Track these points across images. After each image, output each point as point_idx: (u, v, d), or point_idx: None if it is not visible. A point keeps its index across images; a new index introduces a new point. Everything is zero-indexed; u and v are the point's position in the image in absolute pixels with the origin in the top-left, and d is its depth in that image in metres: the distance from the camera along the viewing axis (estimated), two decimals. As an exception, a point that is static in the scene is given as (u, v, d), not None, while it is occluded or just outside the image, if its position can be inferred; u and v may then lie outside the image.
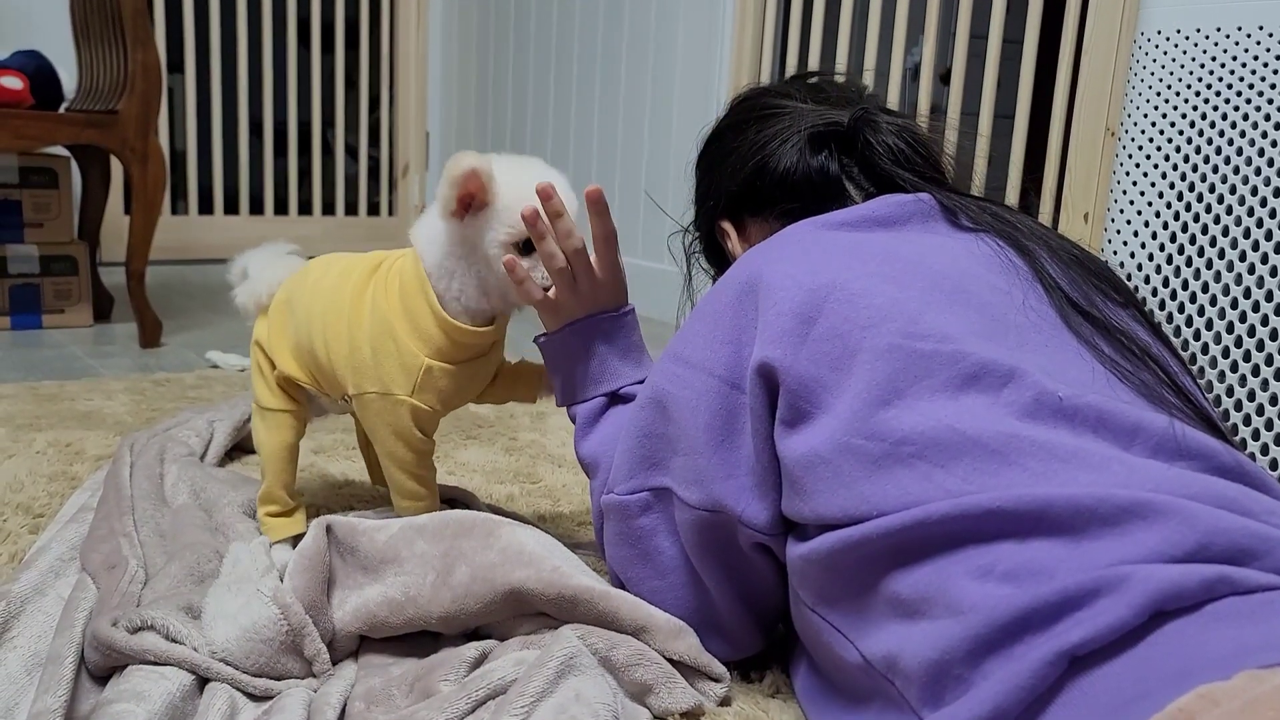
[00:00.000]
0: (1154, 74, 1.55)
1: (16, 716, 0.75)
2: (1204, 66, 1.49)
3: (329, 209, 3.54)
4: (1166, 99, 1.54)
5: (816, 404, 0.72)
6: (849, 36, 2.26)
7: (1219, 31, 1.47)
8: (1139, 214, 1.58)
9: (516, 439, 1.59)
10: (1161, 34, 1.54)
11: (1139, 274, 1.58)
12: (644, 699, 0.81)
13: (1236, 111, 1.46)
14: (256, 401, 1.08)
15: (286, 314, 1.05)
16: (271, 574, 0.89)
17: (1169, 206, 1.54)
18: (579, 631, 0.82)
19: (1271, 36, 1.41)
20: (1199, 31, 1.49)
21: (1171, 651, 0.54)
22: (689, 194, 1.07)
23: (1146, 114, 1.57)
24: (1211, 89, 1.48)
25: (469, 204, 0.95)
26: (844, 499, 0.68)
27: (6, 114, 2.00)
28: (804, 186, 0.93)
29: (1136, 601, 0.55)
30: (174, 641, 0.81)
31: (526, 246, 0.96)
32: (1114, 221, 1.61)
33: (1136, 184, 1.58)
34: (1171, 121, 1.54)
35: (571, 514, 1.28)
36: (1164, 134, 1.55)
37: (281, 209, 3.46)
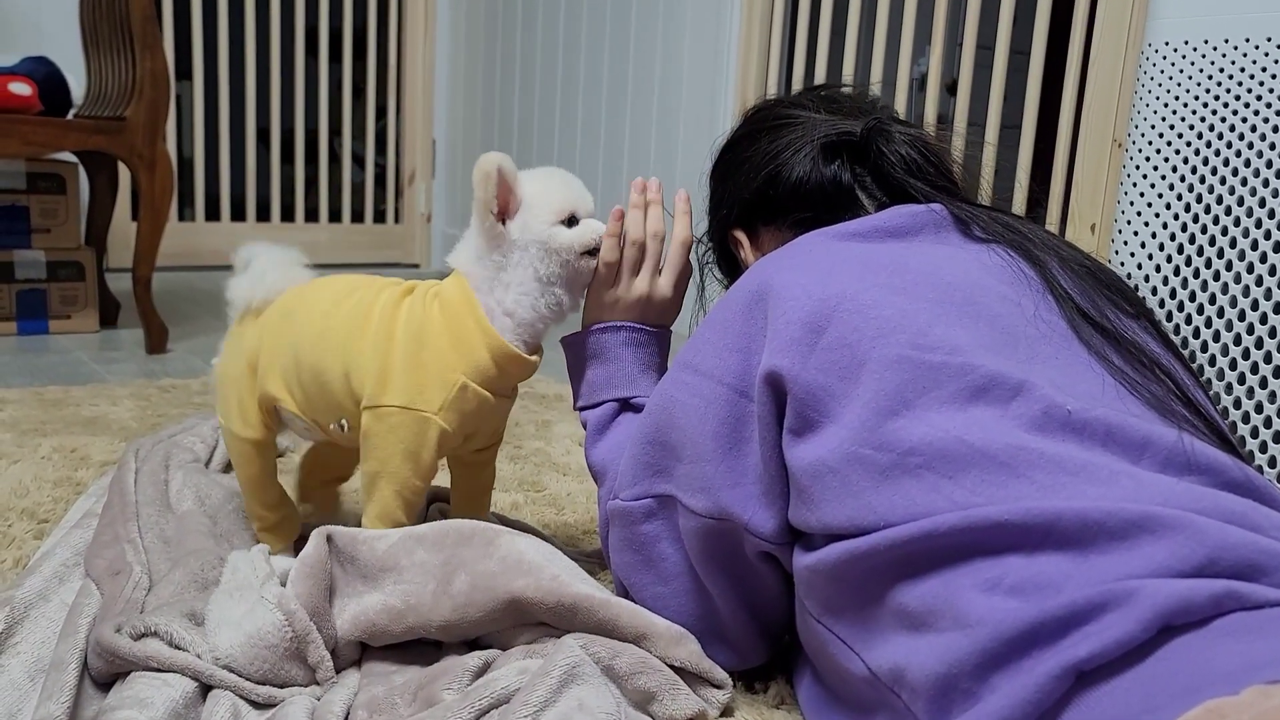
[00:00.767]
0: (1161, 85, 1.55)
1: (19, 723, 0.75)
2: (1211, 78, 1.49)
3: (335, 216, 3.55)
4: (1174, 110, 1.54)
5: (824, 413, 0.72)
6: (855, 47, 2.26)
7: (1226, 43, 1.47)
8: (1146, 225, 1.58)
9: (522, 447, 1.59)
10: (1169, 45, 1.54)
11: (1146, 285, 1.57)
12: (647, 707, 0.81)
13: (1244, 123, 1.45)
14: (228, 428, 1.02)
15: (284, 330, 0.99)
16: (273, 581, 0.89)
17: (1176, 218, 1.54)
18: (581, 640, 0.82)
19: (1279, 48, 1.41)
20: (1206, 43, 1.49)
21: (1179, 667, 0.54)
22: (698, 204, 1.08)
23: (1153, 125, 1.56)
24: (1219, 100, 1.48)
25: (506, 206, 0.95)
26: (851, 509, 0.68)
27: (15, 120, 2.01)
28: (817, 195, 0.93)
29: (1144, 616, 0.55)
30: (177, 648, 0.81)
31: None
32: (1121, 233, 1.61)
33: (1144, 195, 1.58)
34: (1179, 132, 1.53)
35: (576, 522, 1.28)
36: (1171, 145, 1.55)
37: (288, 216, 3.46)
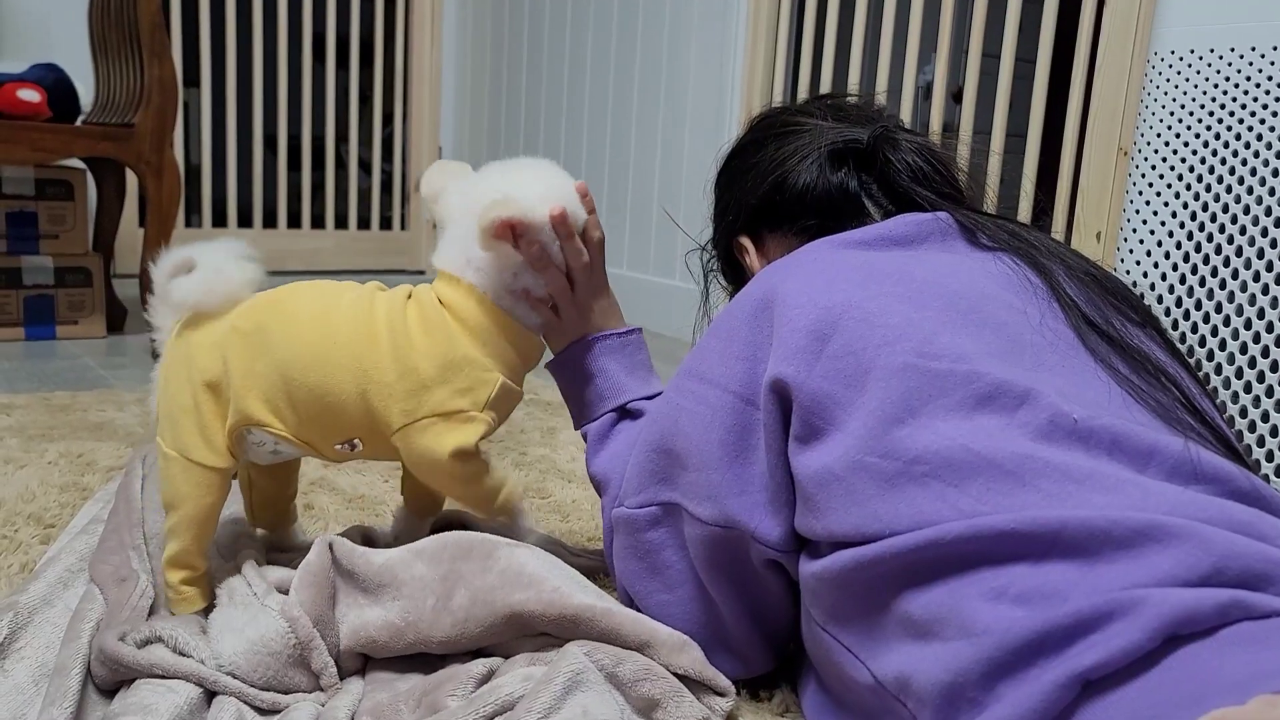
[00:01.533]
0: (1167, 94, 1.55)
1: (24, 728, 0.75)
2: (1217, 86, 1.49)
3: (342, 223, 3.55)
4: (1179, 119, 1.54)
5: (830, 421, 0.72)
6: (861, 54, 2.27)
7: (1232, 52, 1.47)
8: (1151, 233, 1.57)
9: (526, 454, 1.59)
10: (1175, 54, 1.54)
11: (1151, 294, 1.57)
12: (651, 714, 0.81)
13: (1250, 132, 1.45)
14: (184, 453, 0.88)
15: (259, 347, 0.90)
16: (274, 593, 0.89)
17: (1182, 226, 1.54)
18: (585, 648, 0.81)
19: (1286, 57, 1.41)
20: (1212, 52, 1.49)
21: (1186, 676, 0.54)
22: (703, 212, 1.08)
23: (1159, 133, 1.56)
24: (1224, 109, 1.48)
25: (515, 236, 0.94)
26: (857, 517, 0.68)
27: (24, 126, 2.02)
28: (823, 203, 0.93)
29: (1151, 625, 0.55)
30: (182, 654, 0.81)
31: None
32: (1126, 241, 1.61)
33: (1149, 203, 1.58)
34: (1184, 141, 1.53)
35: (581, 530, 1.28)
36: (1177, 154, 1.54)
37: (294, 222, 3.47)
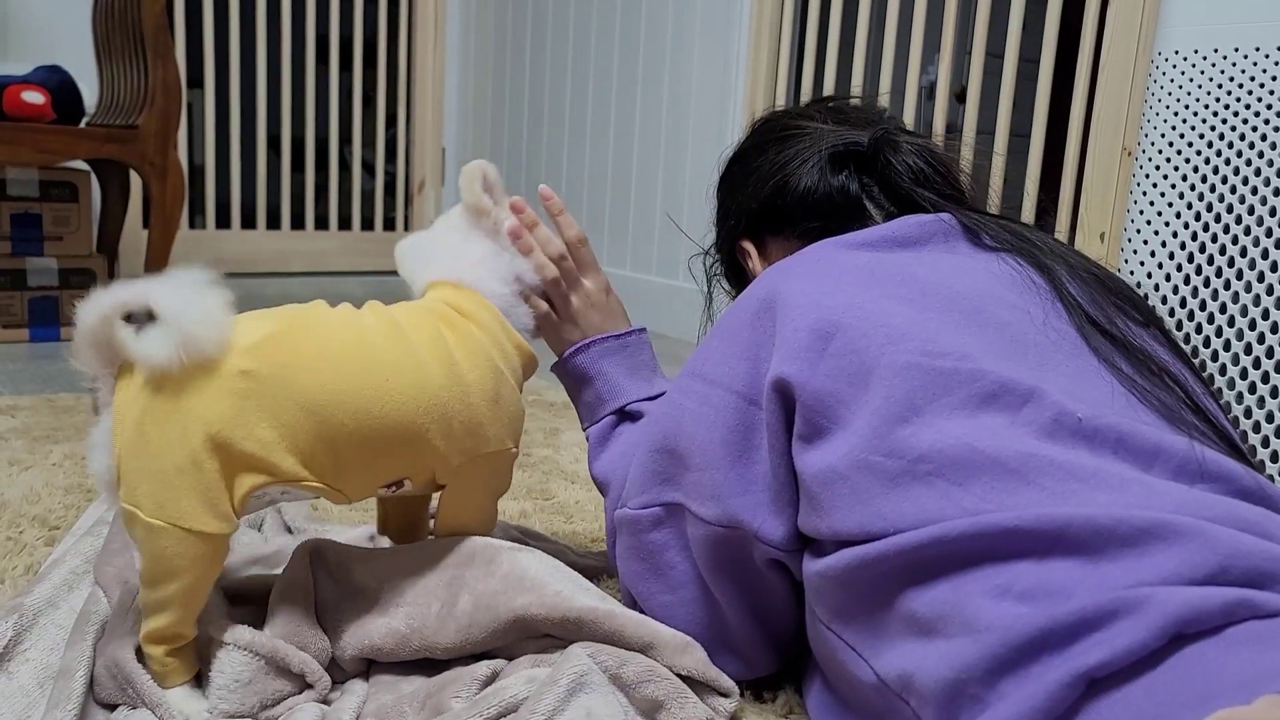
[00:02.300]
0: (1171, 94, 1.55)
1: (29, 728, 0.75)
2: (1221, 86, 1.49)
3: (345, 224, 3.56)
4: (1184, 118, 1.53)
5: (834, 419, 0.72)
6: (864, 54, 2.26)
7: (1237, 51, 1.47)
8: (1156, 234, 1.57)
9: (530, 455, 1.59)
10: (1179, 54, 1.54)
11: (1156, 294, 1.57)
12: (655, 715, 0.81)
13: (1254, 132, 1.45)
14: (177, 522, 0.74)
15: (284, 395, 0.78)
16: (232, 628, 0.83)
17: (1186, 226, 1.53)
18: (589, 649, 0.81)
19: (1290, 56, 1.41)
20: (1216, 51, 1.49)
21: (1191, 675, 0.53)
22: (706, 215, 1.08)
23: (1164, 133, 1.56)
24: (1229, 109, 1.48)
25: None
26: (861, 516, 0.68)
27: (29, 128, 2.02)
28: (824, 205, 0.93)
29: (1156, 624, 0.54)
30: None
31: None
32: (1130, 241, 1.61)
33: (1154, 204, 1.57)
34: (1189, 141, 1.53)
35: (585, 531, 1.28)
36: (1181, 154, 1.54)
37: (298, 223, 3.48)
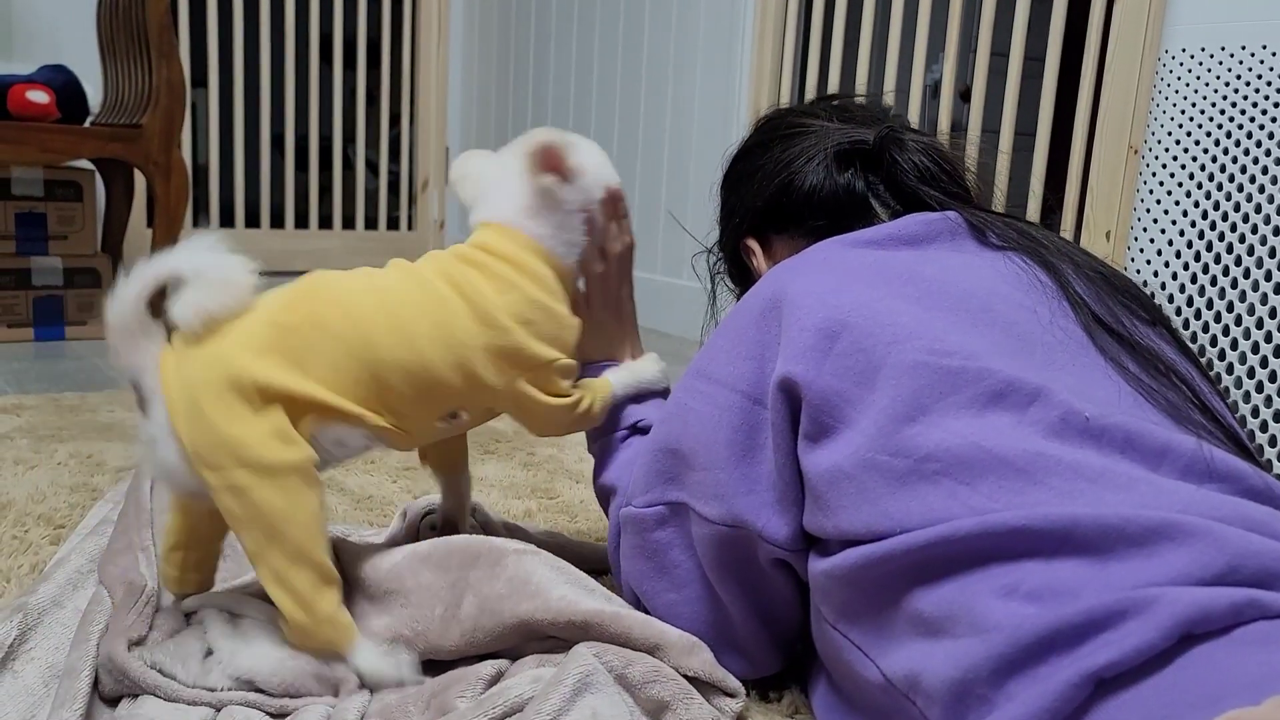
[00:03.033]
0: (1177, 91, 1.54)
1: (34, 728, 0.76)
2: (1228, 84, 1.48)
3: (349, 223, 3.56)
4: (1190, 116, 1.53)
5: (840, 418, 0.71)
6: (869, 54, 2.26)
7: (1243, 49, 1.46)
8: (1162, 232, 1.57)
9: (534, 454, 1.59)
10: (1185, 51, 1.53)
11: (1162, 292, 1.56)
12: (661, 716, 0.81)
13: (1260, 129, 1.45)
14: (257, 465, 0.78)
15: (323, 341, 0.83)
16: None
17: (1192, 224, 1.53)
18: (594, 649, 0.81)
19: (1297, 54, 1.41)
20: (1223, 49, 1.48)
21: (1200, 675, 0.53)
22: (709, 214, 1.07)
23: (1170, 131, 1.56)
24: (1235, 107, 1.48)
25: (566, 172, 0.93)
26: (868, 515, 0.68)
27: (34, 128, 2.03)
28: (830, 204, 0.93)
29: (1165, 624, 0.54)
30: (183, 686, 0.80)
31: None
32: (1136, 240, 1.60)
33: (1160, 202, 1.57)
34: (1195, 139, 1.53)
35: (589, 530, 1.28)
36: (1187, 151, 1.54)
37: (302, 223, 3.48)
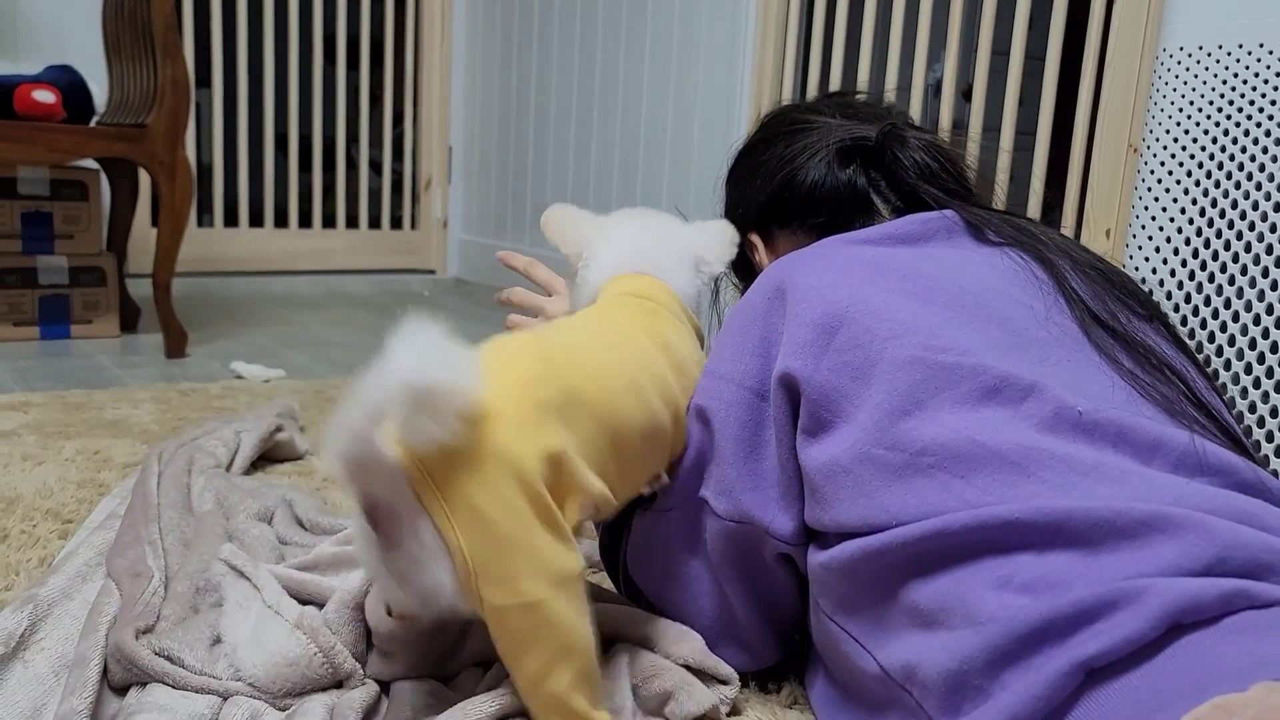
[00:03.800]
0: (1177, 90, 1.55)
1: (44, 717, 0.77)
2: (1226, 83, 1.49)
3: (352, 222, 3.57)
4: (1189, 115, 1.54)
5: (837, 413, 0.72)
6: (870, 53, 2.27)
7: (1241, 48, 1.47)
8: (1161, 230, 1.58)
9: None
10: (1184, 50, 1.54)
11: (1161, 290, 1.57)
12: (664, 707, 0.81)
13: (1259, 128, 1.45)
14: (553, 570, 0.66)
15: (578, 416, 0.73)
16: (284, 597, 0.87)
17: (1191, 223, 1.54)
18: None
19: (1294, 53, 1.41)
20: (1221, 48, 1.49)
21: (1189, 664, 0.54)
22: (713, 210, 1.08)
23: (1169, 130, 1.56)
24: (1234, 105, 1.48)
25: None
26: (864, 508, 0.69)
27: (39, 127, 2.04)
28: (832, 199, 0.94)
29: (1154, 614, 0.55)
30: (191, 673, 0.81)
31: None
32: (1135, 237, 1.61)
33: (1159, 200, 1.58)
34: (1194, 138, 1.53)
35: (587, 527, 1.28)
36: (1186, 150, 1.54)
37: (305, 222, 3.49)
